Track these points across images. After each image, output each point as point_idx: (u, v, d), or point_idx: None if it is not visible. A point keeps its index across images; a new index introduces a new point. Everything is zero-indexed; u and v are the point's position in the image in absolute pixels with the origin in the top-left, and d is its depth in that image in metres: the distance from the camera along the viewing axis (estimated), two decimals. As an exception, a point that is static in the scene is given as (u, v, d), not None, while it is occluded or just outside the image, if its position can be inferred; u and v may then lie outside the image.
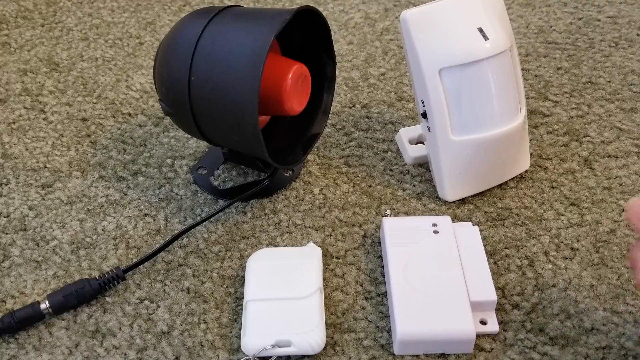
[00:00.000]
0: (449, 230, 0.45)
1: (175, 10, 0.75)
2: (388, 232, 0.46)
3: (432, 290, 0.42)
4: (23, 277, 0.47)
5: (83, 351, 0.42)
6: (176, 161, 0.55)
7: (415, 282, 0.42)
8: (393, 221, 0.47)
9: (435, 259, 0.44)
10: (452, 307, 0.41)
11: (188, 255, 0.48)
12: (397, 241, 0.45)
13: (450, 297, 0.41)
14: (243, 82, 0.43)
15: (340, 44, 0.68)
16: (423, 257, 0.44)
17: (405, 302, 0.41)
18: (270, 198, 0.52)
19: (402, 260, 0.44)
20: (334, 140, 0.57)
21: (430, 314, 0.40)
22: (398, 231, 0.46)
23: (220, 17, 0.46)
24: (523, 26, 0.70)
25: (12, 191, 0.53)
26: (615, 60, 0.64)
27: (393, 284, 0.42)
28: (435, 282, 0.42)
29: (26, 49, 0.69)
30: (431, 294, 0.41)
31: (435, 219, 0.46)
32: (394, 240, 0.45)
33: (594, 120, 0.58)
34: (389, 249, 0.44)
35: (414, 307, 0.41)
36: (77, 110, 0.61)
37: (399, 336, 0.40)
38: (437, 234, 0.45)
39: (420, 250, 0.44)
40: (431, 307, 0.41)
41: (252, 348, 0.40)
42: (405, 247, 0.44)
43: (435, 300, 0.41)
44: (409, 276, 0.42)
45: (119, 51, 0.68)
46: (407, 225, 0.46)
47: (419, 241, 0.45)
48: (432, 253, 0.44)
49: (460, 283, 0.42)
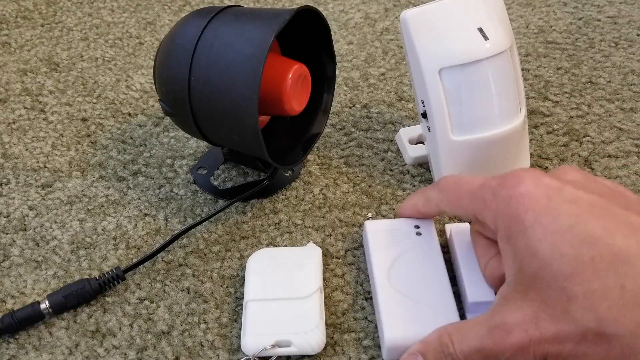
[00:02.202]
0: (431, 232, 0.45)
1: (175, 10, 0.75)
2: (370, 236, 0.45)
3: (418, 292, 0.41)
4: (23, 277, 0.47)
5: (83, 351, 0.42)
6: (176, 161, 0.55)
7: (400, 286, 0.41)
8: (375, 224, 0.46)
9: (419, 261, 0.43)
10: (439, 309, 0.40)
11: (188, 255, 0.48)
12: (379, 244, 0.44)
13: (436, 299, 0.41)
14: (243, 82, 0.43)
15: (340, 44, 0.68)
16: (406, 260, 0.43)
17: (392, 307, 0.40)
18: (270, 198, 0.52)
19: (385, 264, 0.43)
20: (334, 140, 0.57)
21: (417, 318, 0.40)
22: (380, 234, 0.45)
23: (220, 17, 0.46)
24: (523, 26, 0.70)
25: (12, 191, 0.53)
26: (615, 60, 0.64)
27: (378, 288, 0.42)
28: (420, 284, 0.42)
29: (26, 49, 0.69)
30: (417, 296, 0.41)
31: (417, 220, 0.45)
32: (376, 244, 0.44)
33: (594, 120, 0.58)
34: (372, 252, 0.44)
35: (401, 311, 0.40)
36: (77, 110, 0.61)
37: (386, 342, 0.39)
38: (420, 235, 0.45)
39: (403, 253, 0.43)
40: (418, 310, 0.40)
41: (252, 348, 0.40)
42: (388, 250, 0.44)
43: (421, 303, 0.40)
44: (393, 280, 0.42)
45: (119, 51, 0.68)
46: (389, 227, 0.45)
47: (401, 243, 0.44)
48: (416, 255, 0.43)
49: (445, 285, 0.42)
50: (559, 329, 0.32)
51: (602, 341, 0.31)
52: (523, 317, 0.33)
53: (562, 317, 0.32)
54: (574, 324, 0.32)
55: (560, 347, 0.32)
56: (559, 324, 0.32)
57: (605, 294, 0.31)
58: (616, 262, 0.31)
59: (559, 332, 0.32)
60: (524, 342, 0.33)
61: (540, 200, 0.34)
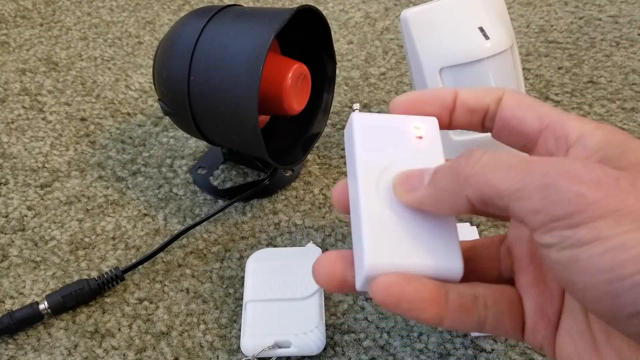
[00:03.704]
0: (435, 135, 0.34)
1: (174, 9, 0.74)
2: (358, 132, 0.34)
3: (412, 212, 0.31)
4: (22, 278, 0.46)
5: (82, 352, 0.42)
6: (175, 161, 0.55)
7: (391, 201, 0.31)
8: (365, 118, 0.35)
9: None
10: (436, 236, 0.30)
11: (187, 256, 0.47)
12: (369, 145, 0.33)
13: (434, 223, 0.31)
14: (243, 81, 0.43)
15: (340, 43, 0.68)
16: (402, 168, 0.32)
17: (377, 226, 0.30)
18: (270, 198, 0.52)
19: (374, 171, 0.32)
20: (334, 140, 0.57)
21: (408, 244, 0.30)
22: (371, 132, 0.34)
23: (219, 17, 0.46)
24: (524, 25, 0.70)
25: (11, 191, 0.53)
26: (616, 60, 0.64)
27: (362, 200, 0.32)
28: None
29: (25, 49, 0.69)
30: (410, 217, 0.31)
31: (418, 119, 0.34)
32: (365, 144, 0.33)
33: (595, 120, 0.57)
34: (358, 153, 0.33)
35: (388, 232, 0.30)
36: (76, 110, 0.61)
37: (366, 269, 0.29)
38: (421, 139, 0.34)
39: (399, 159, 0.33)
40: (409, 234, 0.30)
41: (251, 349, 0.40)
42: (379, 153, 0.33)
43: (415, 226, 0.30)
44: (382, 192, 0.32)
45: (118, 50, 0.68)
46: (382, 124, 0.34)
47: (398, 147, 0.33)
48: (414, 163, 0.33)
49: None
50: None
51: None
52: None
53: None
54: None
55: None
56: None
57: None
58: None
59: None
60: None
61: None
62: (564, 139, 0.28)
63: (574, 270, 0.23)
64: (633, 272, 0.21)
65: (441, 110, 0.33)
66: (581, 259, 0.22)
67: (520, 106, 0.31)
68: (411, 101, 0.33)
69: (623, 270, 0.21)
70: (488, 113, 0.32)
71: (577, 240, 0.22)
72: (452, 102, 0.33)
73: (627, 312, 0.22)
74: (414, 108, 0.34)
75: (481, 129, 0.33)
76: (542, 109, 0.30)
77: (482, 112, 0.32)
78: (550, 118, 0.29)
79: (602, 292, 0.22)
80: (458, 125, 0.34)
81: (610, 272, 0.22)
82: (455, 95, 0.33)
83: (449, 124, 0.34)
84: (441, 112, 0.33)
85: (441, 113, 0.33)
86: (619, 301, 0.22)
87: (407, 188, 0.30)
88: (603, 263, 0.22)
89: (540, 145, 0.30)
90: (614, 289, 0.22)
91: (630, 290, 0.21)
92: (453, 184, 0.27)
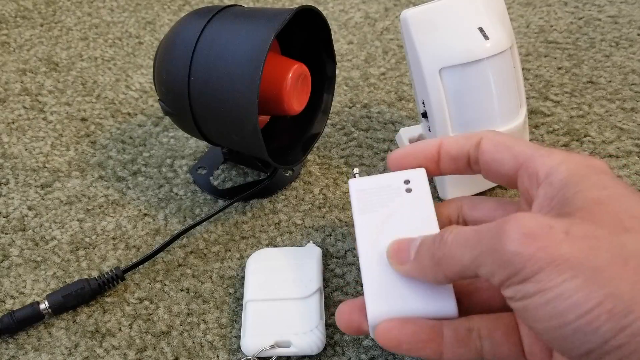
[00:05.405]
0: (423, 186, 0.36)
1: (174, 9, 0.75)
2: (354, 197, 0.37)
3: None
4: (22, 277, 0.46)
5: (82, 351, 0.42)
6: (176, 161, 0.55)
7: None
8: (360, 183, 0.38)
9: (410, 222, 0.35)
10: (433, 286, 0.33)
11: (187, 256, 0.48)
12: (365, 206, 0.36)
13: None
14: (243, 81, 0.43)
15: (340, 43, 0.68)
16: (395, 223, 0.35)
17: (376, 279, 0.33)
18: (270, 198, 0.52)
19: (372, 229, 0.35)
20: (334, 140, 0.57)
21: (405, 292, 0.33)
22: (365, 194, 0.37)
23: (219, 17, 0.46)
24: (523, 26, 0.70)
25: (12, 191, 0.53)
26: (616, 60, 0.64)
27: (362, 259, 0.35)
28: None
29: (25, 49, 0.69)
30: None
31: (407, 173, 0.37)
32: (362, 206, 0.36)
33: (595, 120, 0.58)
34: (356, 216, 0.36)
35: (386, 284, 0.33)
36: (76, 110, 0.61)
37: (369, 319, 0.33)
38: (411, 192, 0.36)
39: (392, 215, 0.36)
40: (405, 283, 0.33)
41: (251, 348, 0.40)
42: (374, 213, 0.36)
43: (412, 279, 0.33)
44: (380, 247, 0.34)
45: (118, 51, 0.68)
46: (375, 185, 0.37)
47: (390, 204, 0.36)
48: (406, 216, 0.35)
49: None
50: None
51: None
52: None
53: None
54: None
55: None
56: None
57: None
58: None
59: None
60: None
61: None
62: (535, 177, 0.31)
63: (529, 317, 0.26)
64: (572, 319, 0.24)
65: (428, 162, 0.36)
66: (531, 309, 0.26)
67: (497, 149, 0.33)
68: (403, 157, 0.37)
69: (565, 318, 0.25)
70: (470, 158, 0.35)
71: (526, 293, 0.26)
72: (437, 154, 0.36)
73: (576, 353, 0.25)
74: (405, 162, 0.37)
75: (471, 172, 0.36)
76: (517, 149, 0.32)
77: (465, 158, 0.35)
78: (525, 156, 0.32)
79: (553, 336, 0.26)
80: (446, 172, 0.36)
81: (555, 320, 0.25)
82: (440, 145, 0.36)
83: (439, 172, 0.36)
84: (429, 164, 0.36)
85: (429, 165, 0.36)
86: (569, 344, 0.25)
87: (397, 261, 0.33)
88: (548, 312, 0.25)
89: (519, 183, 0.32)
90: (561, 334, 0.25)
91: (573, 336, 0.25)
92: (431, 264, 0.30)
